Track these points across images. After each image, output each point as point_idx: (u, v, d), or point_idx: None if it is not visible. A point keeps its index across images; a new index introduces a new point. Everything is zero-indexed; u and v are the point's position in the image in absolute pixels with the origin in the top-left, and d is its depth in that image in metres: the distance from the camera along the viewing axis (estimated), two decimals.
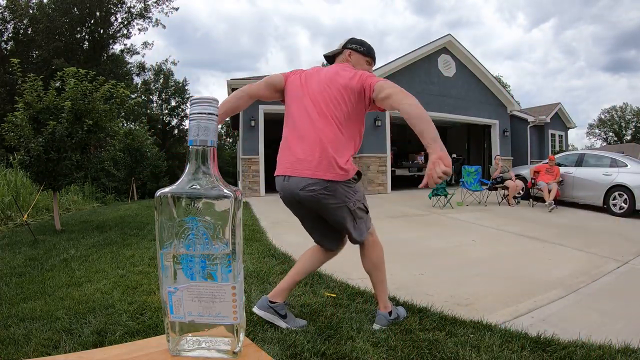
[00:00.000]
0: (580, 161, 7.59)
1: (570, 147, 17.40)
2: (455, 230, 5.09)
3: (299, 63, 64.94)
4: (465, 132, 14.07)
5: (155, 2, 21.86)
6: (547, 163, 7.58)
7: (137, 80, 24.61)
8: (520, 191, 8.02)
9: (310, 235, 2.01)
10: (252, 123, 9.31)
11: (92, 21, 20.79)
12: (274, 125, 11.08)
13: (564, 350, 1.72)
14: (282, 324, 1.87)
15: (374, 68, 2.10)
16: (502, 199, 7.87)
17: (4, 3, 18.34)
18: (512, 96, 12.60)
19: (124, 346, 0.54)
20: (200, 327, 0.51)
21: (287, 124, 1.83)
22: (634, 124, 41.54)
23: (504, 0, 69.38)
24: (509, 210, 6.98)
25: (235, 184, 9.78)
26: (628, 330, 2.02)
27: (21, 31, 19.33)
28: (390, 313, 1.97)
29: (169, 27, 52.21)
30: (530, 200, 7.59)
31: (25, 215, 5.11)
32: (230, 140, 29.09)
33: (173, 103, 26.33)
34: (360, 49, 1.96)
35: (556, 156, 8.16)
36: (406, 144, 15.28)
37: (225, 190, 0.50)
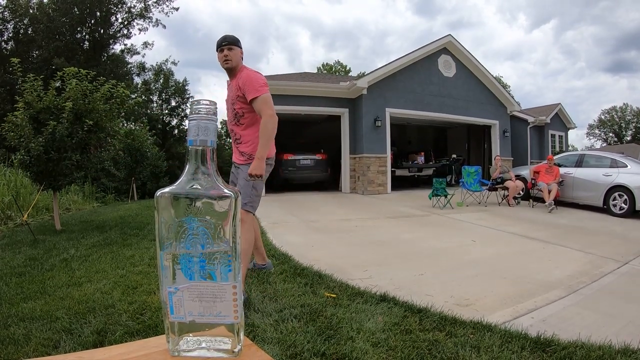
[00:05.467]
0: (580, 162, 7.59)
1: (570, 148, 17.40)
2: (455, 230, 5.09)
3: (300, 63, 64.93)
4: (465, 133, 14.07)
5: (156, 2, 21.87)
6: (546, 163, 7.59)
7: (137, 80, 24.59)
8: (520, 192, 8.02)
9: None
10: None
11: (92, 21, 20.80)
12: None
13: (564, 350, 1.73)
14: None
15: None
16: (502, 200, 7.87)
17: (4, 3, 18.36)
18: (512, 96, 12.61)
19: (124, 346, 0.54)
20: (200, 327, 0.51)
21: None
22: (634, 125, 41.53)
23: (505, 1, 69.36)
24: (509, 210, 6.99)
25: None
26: (628, 331, 2.02)
27: (21, 31, 19.33)
28: None
29: (170, 27, 52.28)
30: (530, 200, 7.59)
31: (25, 215, 5.12)
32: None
33: (173, 103, 26.26)
34: None
35: (556, 157, 8.16)
36: (406, 144, 15.29)
37: (225, 190, 0.50)
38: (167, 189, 0.49)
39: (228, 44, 2.39)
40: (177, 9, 22.74)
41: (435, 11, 67.67)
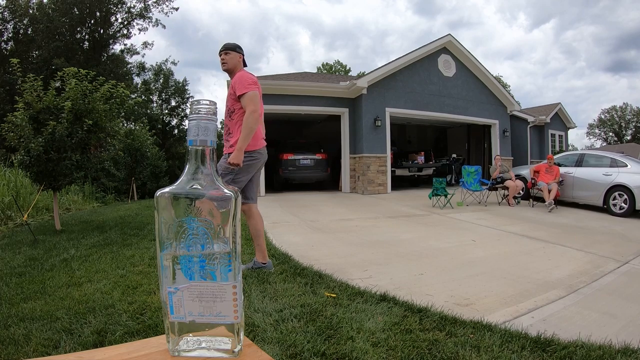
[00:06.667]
0: (580, 161, 7.59)
1: (570, 147, 17.41)
2: (455, 230, 5.09)
3: (300, 63, 64.97)
4: (465, 132, 14.07)
5: (155, 2, 21.88)
6: (546, 163, 7.59)
7: (137, 80, 24.62)
8: (520, 191, 8.02)
9: (243, 189, 2.82)
10: None
11: (92, 21, 20.80)
12: (274, 125, 11.07)
13: (564, 350, 1.72)
14: None
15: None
16: (502, 199, 7.87)
17: (3, 3, 18.36)
18: (512, 96, 12.61)
19: (124, 346, 0.54)
20: (200, 327, 0.51)
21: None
22: (634, 124, 41.54)
23: (505, 0, 69.43)
24: (509, 210, 6.99)
25: None
26: (628, 331, 2.02)
27: (21, 31, 19.33)
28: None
29: (170, 27, 52.33)
30: (530, 200, 7.60)
31: (25, 215, 5.12)
32: None
33: (173, 103, 26.29)
34: None
35: (556, 156, 8.16)
36: (406, 144, 15.28)
37: (225, 190, 0.50)
38: (167, 189, 0.49)
39: (225, 50, 2.78)
40: (176, 9, 22.79)
41: (435, 11, 67.77)
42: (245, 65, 2.90)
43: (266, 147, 2.87)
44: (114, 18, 21.60)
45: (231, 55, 2.78)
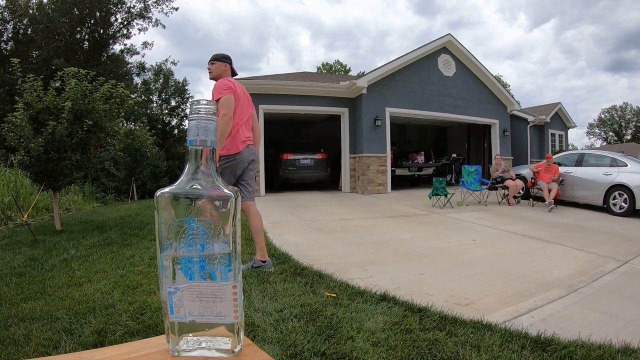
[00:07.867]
0: (580, 161, 7.59)
1: (570, 147, 17.41)
2: (455, 230, 5.09)
3: (300, 63, 64.99)
4: (465, 132, 14.07)
5: (155, 2, 21.85)
6: (545, 162, 7.58)
7: (137, 80, 24.59)
8: (520, 191, 8.02)
9: (240, 188, 2.93)
10: None
11: (92, 21, 20.77)
12: (274, 125, 11.07)
13: (564, 349, 1.73)
14: None
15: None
16: (502, 199, 7.87)
17: (3, 3, 18.35)
18: (512, 96, 12.60)
19: (124, 346, 0.54)
20: (200, 327, 0.51)
21: (238, 118, 2.82)
22: (634, 124, 41.55)
23: (505, 0, 69.45)
24: (509, 209, 6.99)
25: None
26: (628, 330, 2.02)
27: (21, 31, 19.31)
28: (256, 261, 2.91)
29: (170, 27, 52.34)
30: (530, 199, 7.59)
31: (25, 215, 5.11)
32: None
33: (173, 103, 26.25)
34: None
35: (556, 156, 8.16)
36: (406, 143, 15.28)
37: (225, 190, 0.50)
38: (167, 189, 0.49)
39: (211, 60, 2.96)
40: (176, 9, 22.73)
41: (436, 11, 67.79)
42: (235, 74, 2.99)
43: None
44: (113, 18, 21.57)
45: (216, 65, 2.92)
